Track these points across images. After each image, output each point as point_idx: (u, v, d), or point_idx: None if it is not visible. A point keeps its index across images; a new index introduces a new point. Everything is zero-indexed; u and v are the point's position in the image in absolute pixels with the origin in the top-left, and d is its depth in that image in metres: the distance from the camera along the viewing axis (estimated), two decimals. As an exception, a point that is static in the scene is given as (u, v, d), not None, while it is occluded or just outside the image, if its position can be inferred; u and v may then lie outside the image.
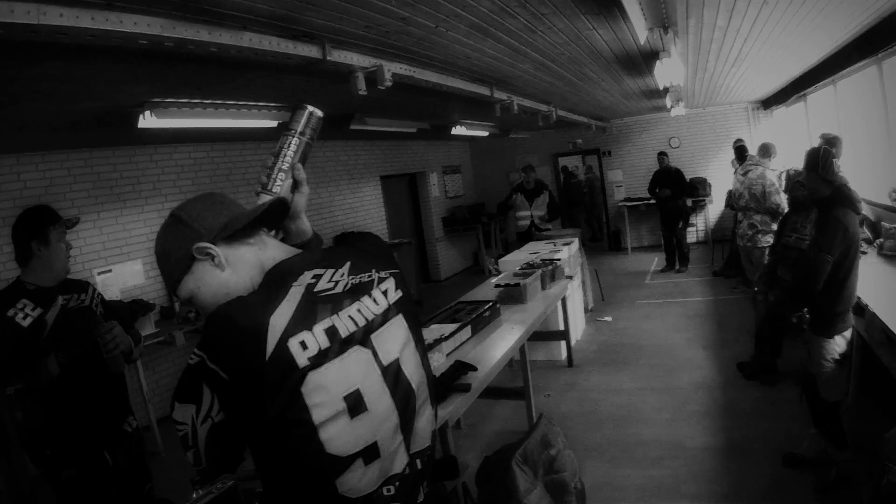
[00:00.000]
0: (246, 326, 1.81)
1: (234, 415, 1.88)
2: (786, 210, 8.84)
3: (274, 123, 8.17)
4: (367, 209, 15.81)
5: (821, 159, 5.30)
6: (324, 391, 1.85)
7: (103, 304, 4.60)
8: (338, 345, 1.92)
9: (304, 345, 1.84)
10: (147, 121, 6.57)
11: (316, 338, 1.87)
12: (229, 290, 2.02)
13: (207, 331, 1.88)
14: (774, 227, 9.07)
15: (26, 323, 4.03)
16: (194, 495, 2.91)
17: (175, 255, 2.05)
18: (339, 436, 1.88)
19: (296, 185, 2.27)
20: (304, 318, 1.88)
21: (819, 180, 5.31)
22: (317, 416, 1.84)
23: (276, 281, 1.95)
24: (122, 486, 4.45)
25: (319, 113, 2.40)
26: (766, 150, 10.12)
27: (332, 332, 1.92)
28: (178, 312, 9.55)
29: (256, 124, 8.17)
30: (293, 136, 2.32)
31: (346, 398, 1.90)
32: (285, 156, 2.28)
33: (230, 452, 1.99)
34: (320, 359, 1.86)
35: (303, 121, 2.35)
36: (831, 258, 5.01)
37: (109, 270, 9.12)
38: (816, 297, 5.21)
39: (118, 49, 3.94)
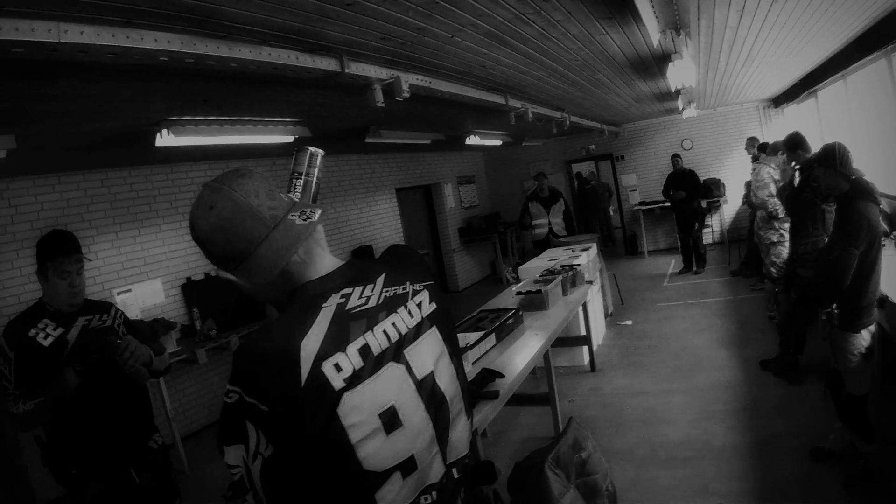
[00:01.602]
0: (277, 356, 1.80)
1: (282, 445, 1.85)
2: (775, 210, 8.95)
3: (290, 139, 8.21)
4: (383, 222, 15.85)
5: (837, 155, 5.28)
6: (359, 411, 1.85)
7: (126, 325, 4.58)
8: (371, 363, 1.91)
9: (338, 367, 1.83)
10: (164, 139, 6.63)
11: (350, 359, 1.86)
12: (266, 295, 2.06)
13: (238, 365, 1.87)
14: (775, 222, 9.17)
15: (47, 342, 4.06)
16: (227, 512, 2.90)
17: (221, 251, 1.99)
18: (377, 453, 1.88)
19: None
20: (336, 340, 1.87)
21: (837, 175, 5.29)
22: (353, 435, 1.83)
23: (304, 303, 1.93)
24: (149, 503, 4.46)
25: (321, 152, 2.47)
26: (769, 150, 10.22)
27: (365, 352, 1.91)
28: (199, 330, 9.55)
29: (273, 140, 8.19)
30: (296, 178, 2.40)
31: (380, 415, 1.89)
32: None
33: (289, 488, 1.93)
34: (355, 380, 1.85)
35: (304, 162, 2.42)
36: (857, 252, 4.99)
37: (129, 290, 9.14)
38: (843, 292, 5.20)
39: (137, 66, 3.98)
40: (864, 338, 5.27)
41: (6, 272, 7.81)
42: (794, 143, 7.85)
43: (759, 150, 11.44)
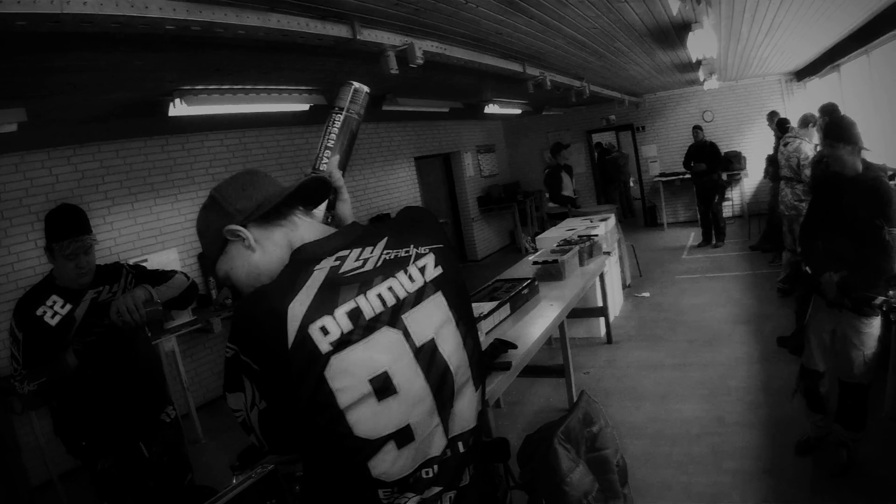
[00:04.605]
0: (266, 318, 1.81)
1: (275, 404, 1.88)
2: None
3: (306, 107, 8.17)
4: (401, 190, 15.85)
5: (846, 130, 4.99)
6: (347, 375, 1.83)
7: (137, 283, 4.42)
8: (362, 327, 1.88)
9: (324, 330, 1.82)
10: (177, 108, 6.59)
11: (337, 322, 1.84)
12: (260, 271, 2.05)
13: (234, 324, 1.90)
14: None
15: (55, 321, 4.03)
16: (234, 481, 2.90)
17: (210, 235, 2.10)
18: (368, 419, 1.86)
19: (336, 194, 2.33)
20: (324, 303, 1.85)
21: (849, 153, 5.05)
22: (342, 399, 1.82)
23: (297, 266, 1.93)
24: (159, 477, 4.47)
25: (365, 88, 2.45)
26: (804, 121, 10.09)
27: (355, 315, 1.88)
28: (214, 299, 9.59)
29: (288, 108, 8.14)
30: (336, 113, 2.39)
31: (371, 381, 1.87)
32: (330, 133, 2.38)
33: (287, 434, 1.98)
34: (343, 343, 1.83)
35: (347, 97, 2.42)
36: None
37: (145, 260, 9.11)
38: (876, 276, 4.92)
39: (145, 36, 3.93)
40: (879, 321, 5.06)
41: (21, 245, 7.84)
42: (833, 111, 7.77)
43: (779, 127, 11.36)
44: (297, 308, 1.81)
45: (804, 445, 5.74)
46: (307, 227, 2.12)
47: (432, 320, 2.05)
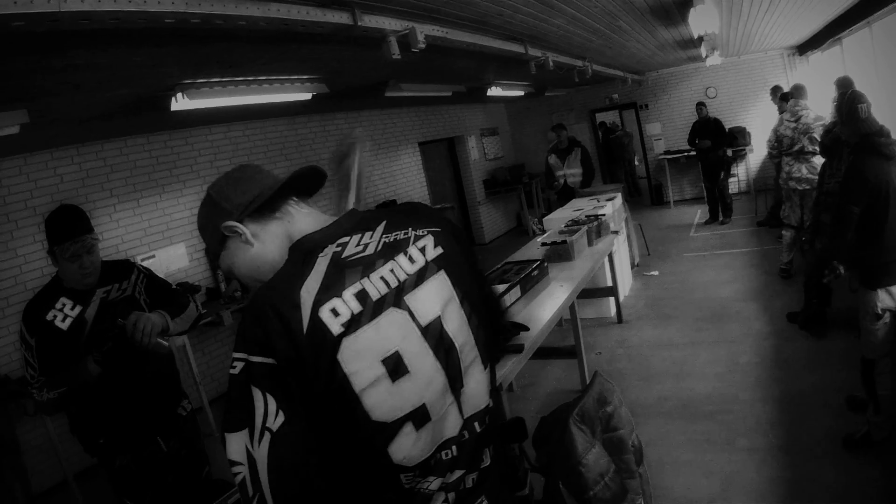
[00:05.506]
0: (279, 305, 1.80)
1: (290, 404, 1.80)
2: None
3: (308, 96, 8.14)
4: (406, 176, 15.85)
5: (844, 107, 5.10)
6: (360, 357, 1.83)
7: (148, 287, 4.46)
8: (370, 309, 1.88)
9: (335, 312, 1.82)
10: (180, 103, 6.56)
11: (346, 303, 1.84)
12: (260, 265, 2.08)
13: (244, 324, 1.85)
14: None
15: (66, 325, 4.00)
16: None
17: (210, 232, 2.13)
18: (384, 401, 1.86)
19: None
20: (332, 286, 1.86)
21: (846, 130, 5.13)
22: (357, 383, 1.81)
23: (300, 255, 1.95)
24: (178, 471, 4.45)
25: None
26: (802, 93, 9.98)
27: (362, 296, 1.88)
28: (224, 292, 9.60)
29: (291, 98, 8.10)
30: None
31: (383, 362, 1.87)
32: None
33: (297, 472, 1.80)
34: (353, 324, 1.83)
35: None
36: (855, 209, 4.87)
37: (153, 256, 9.19)
38: (859, 247, 5.01)
39: (144, 31, 3.91)
40: (882, 298, 5.02)
41: (28, 247, 7.86)
42: (847, 85, 7.73)
43: (782, 100, 11.27)
44: (308, 293, 1.82)
45: (852, 400, 5.86)
46: (304, 217, 2.13)
47: (436, 299, 2.06)
